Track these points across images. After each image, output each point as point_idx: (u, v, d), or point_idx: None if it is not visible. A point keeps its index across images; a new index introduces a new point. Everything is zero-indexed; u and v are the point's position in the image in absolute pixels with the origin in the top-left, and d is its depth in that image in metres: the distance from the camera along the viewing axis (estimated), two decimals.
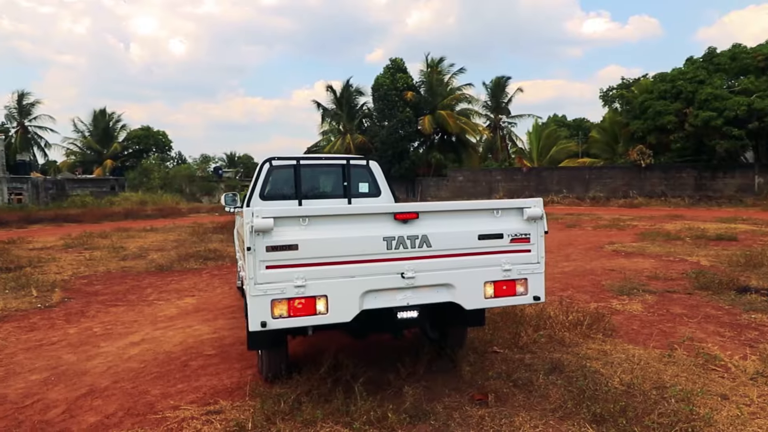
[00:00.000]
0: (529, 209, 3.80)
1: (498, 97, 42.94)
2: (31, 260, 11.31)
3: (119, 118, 52.25)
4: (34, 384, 4.64)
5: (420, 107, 38.38)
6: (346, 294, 3.44)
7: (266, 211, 3.29)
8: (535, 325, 5.64)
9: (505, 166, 40.62)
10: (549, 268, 9.78)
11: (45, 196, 38.99)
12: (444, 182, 38.42)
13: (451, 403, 3.98)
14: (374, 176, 6.62)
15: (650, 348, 5.16)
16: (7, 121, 48.91)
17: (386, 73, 38.00)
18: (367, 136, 38.72)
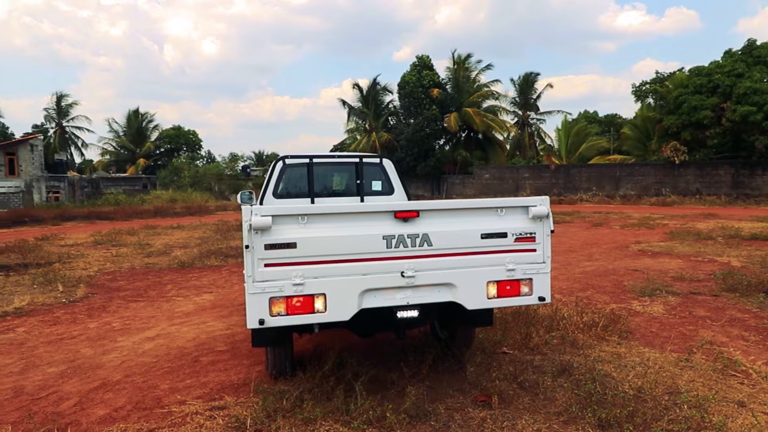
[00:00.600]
0: (534, 208, 3.71)
1: (526, 93, 42.29)
2: (61, 256, 11.68)
3: (152, 118, 53.56)
4: (50, 377, 4.78)
5: (446, 104, 38.11)
6: (345, 292, 3.43)
7: (264, 209, 3.30)
8: (547, 326, 5.53)
9: (533, 163, 40.01)
10: (570, 267, 9.61)
11: (81, 194, 40.25)
12: (470, 180, 38.08)
13: (454, 404, 3.93)
14: (387, 174, 6.58)
15: (667, 351, 5.00)
16: (46, 122, 50.73)
17: (412, 71, 37.87)
18: (392, 134, 38.66)
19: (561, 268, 9.65)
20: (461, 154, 39.19)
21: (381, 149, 37.75)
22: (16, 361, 5.20)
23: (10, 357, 5.33)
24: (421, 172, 38.21)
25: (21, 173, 37.78)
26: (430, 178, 39.34)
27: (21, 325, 6.48)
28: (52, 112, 50.03)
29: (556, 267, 9.78)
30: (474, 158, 40.33)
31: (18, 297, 7.72)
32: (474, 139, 41.19)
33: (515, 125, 44.00)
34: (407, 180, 39.93)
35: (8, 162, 37.53)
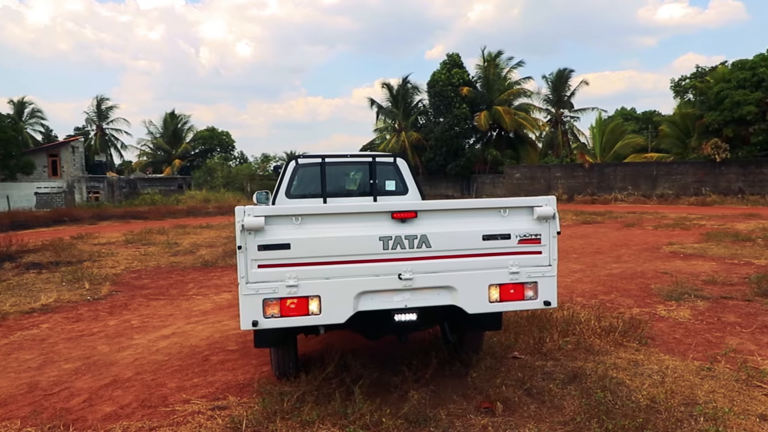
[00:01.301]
0: (539, 208, 3.58)
1: (560, 90, 41.45)
2: (92, 255, 12.04)
3: (187, 120, 54.85)
4: (65, 373, 4.90)
5: (476, 103, 37.71)
6: (340, 295, 3.37)
7: (258, 209, 3.28)
8: (562, 331, 5.35)
9: (566, 162, 39.18)
10: (596, 269, 9.33)
11: (119, 194, 41.56)
12: (500, 179, 37.57)
13: (456, 409, 3.83)
14: (401, 173, 6.51)
15: (689, 359, 4.76)
16: (87, 125, 52.57)
17: (442, 69, 37.62)
18: (422, 134, 38.49)
19: (586, 270, 9.38)
20: (492, 153, 38.69)
21: (410, 149, 37.65)
22: (35, 357, 5.36)
23: (31, 352, 5.49)
24: (450, 172, 37.92)
25: (63, 174, 39.25)
26: (459, 178, 39.00)
27: (46, 321, 6.69)
28: (92, 115, 51.86)
29: (581, 269, 9.52)
30: (505, 157, 39.76)
31: (46, 294, 7.98)
32: (505, 137, 40.64)
33: (548, 123, 43.21)
34: (436, 180, 39.81)
35: (51, 163, 39.06)
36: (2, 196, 35.67)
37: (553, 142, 42.89)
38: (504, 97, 38.27)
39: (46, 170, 38.70)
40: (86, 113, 52.18)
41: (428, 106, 39.70)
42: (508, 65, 39.41)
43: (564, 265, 9.96)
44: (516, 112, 38.31)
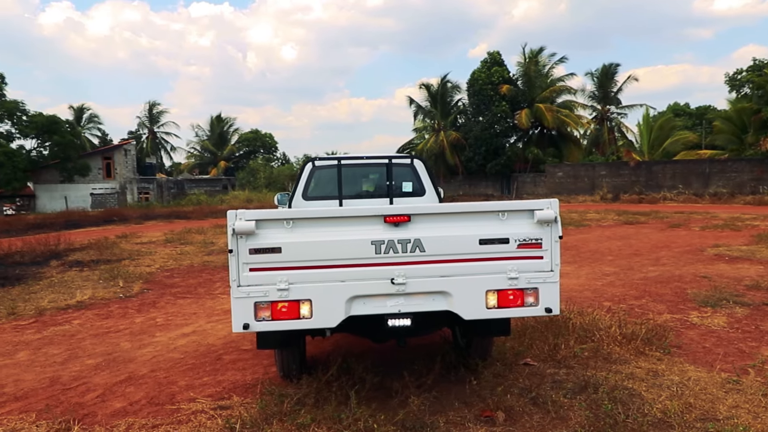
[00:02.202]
0: (540, 212, 3.43)
1: (606, 86, 40.14)
2: (131, 253, 12.51)
3: (232, 123, 56.39)
4: (86, 368, 5.09)
5: (517, 101, 36.97)
6: (331, 299, 3.34)
7: (249, 213, 3.29)
8: (580, 337, 5.14)
9: (612, 160, 37.86)
10: (630, 273, 8.95)
11: (167, 194, 43.13)
12: (541, 178, 36.71)
13: (455, 417, 3.73)
14: (418, 175, 6.42)
15: (715, 370, 4.48)
16: (139, 129, 54.83)
17: (482, 68, 37.10)
18: (461, 133, 38.07)
19: (620, 273, 9.01)
20: (533, 151, 37.84)
21: (449, 148, 37.32)
22: (62, 352, 5.59)
23: (59, 347, 5.74)
24: (490, 171, 37.35)
25: (116, 176, 41.06)
26: (499, 177, 38.36)
27: (78, 317, 6.98)
28: (144, 120, 54.07)
29: (614, 272, 9.16)
30: (547, 156, 38.82)
31: (82, 291, 8.34)
32: (547, 135, 39.68)
33: (593, 120, 41.91)
34: (476, 179, 39.29)
35: (105, 166, 40.93)
36: (61, 197, 37.68)
37: (599, 140, 41.55)
38: (546, 95, 37.35)
39: (101, 172, 40.58)
40: (138, 118, 54.47)
41: (468, 105, 39.22)
42: (551, 62, 38.43)
43: (597, 268, 9.62)
44: (558, 109, 37.32)
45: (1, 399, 4.38)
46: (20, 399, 4.38)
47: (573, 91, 39.63)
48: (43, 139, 34.80)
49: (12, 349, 5.70)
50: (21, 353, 5.57)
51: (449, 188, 39.95)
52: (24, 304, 7.56)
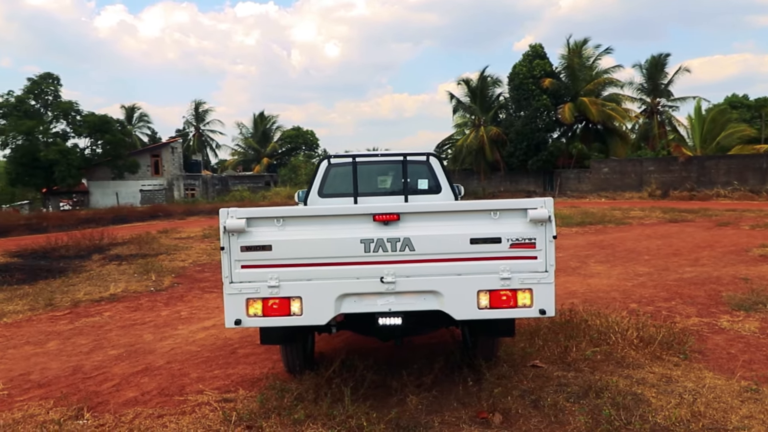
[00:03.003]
0: (533, 211, 3.35)
1: (656, 78, 38.52)
2: (168, 248, 12.98)
3: (275, 120, 57.45)
4: (108, 358, 5.33)
5: (560, 95, 35.96)
6: (321, 297, 3.38)
7: (240, 211, 3.36)
8: (594, 340, 4.98)
9: (662, 155, 36.34)
10: (665, 273, 8.61)
11: (212, 191, 44.45)
12: (586, 174, 35.64)
13: (451, 417, 3.70)
14: (434, 172, 6.37)
15: (736, 378, 4.25)
16: (186, 127, 56.67)
17: (524, 61, 36.28)
18: (501, 128, 37.41)
19: (654, 274, 8.67)
20: (577, 146, 36.77)
21: (488, 143, 36.76)
22: (89, 342, 5.87)
23: (87, 338, 6.03)
24: (532, 167, 36.56)
25: (164, 173, 42.65)
26: (541, 173, 37.50)
27: (109, 309, 7.31)
28: (191, 118, 55.87)
29: (647, 272, 8.82)
30: (592, 151, 37.65)
31: (116, 284, 8.72)
32: (592, 130, 38.41)
33: (642, 114, 40.32)
34: (517, 175, 38.54)
35: (154, 163, 42.59)
36: (113, 193, 39.48)
37: (648, 134, 39.96)
38: (590, 88, 36.16)
39: (150, 169, 42.26)
40: (185, 117, 56.33)
41: (508, 100, 38.48)
42: (596, 53, 37.14)
43: (630, 268, 9.29)
44: (604, 102, 36.06)
45: (26, 385, 4.65)
46: (43, 386, 4.63)
47: (620, 84, 38.20)
48: (96, 138, 36.51)
49: (44, 339, 6.03)
50: (51, 342, 5.88)
51: (490, 184, 39.41)
52: (61, 296, 7.98)
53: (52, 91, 35.96)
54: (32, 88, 35.11)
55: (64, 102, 35.83)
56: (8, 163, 35.01)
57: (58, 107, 35.55)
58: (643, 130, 40.67)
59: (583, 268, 9.50)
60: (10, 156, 34.26)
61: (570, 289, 7.86)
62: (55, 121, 35.89)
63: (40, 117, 35.08)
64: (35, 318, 6.94)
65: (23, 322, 6.77)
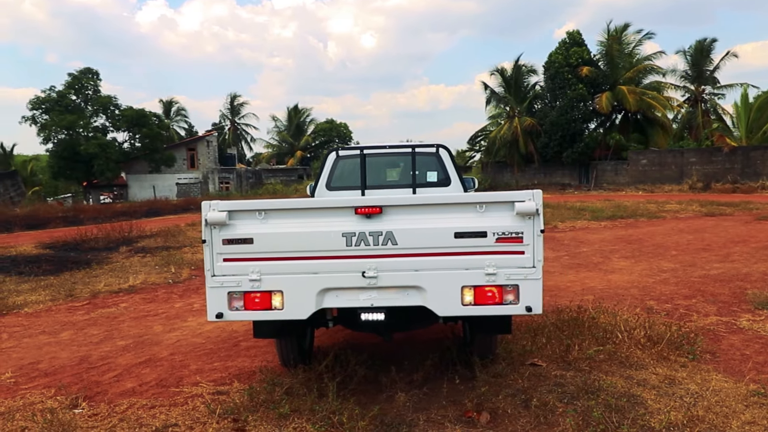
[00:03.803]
0: (520, 204, 3.22)
1: (700, 64, 36.89)
2: (194, 241, 13.25)
3: (309, 113, 57.93)
4: (115, 349, 5.47)
5: (597, 83, 34.85)
6: (302, 291, 3.35)
7: (222, 204, 3.36)
8: (599, 338, 4.80)
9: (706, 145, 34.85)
10: (691, 270, 8.27)
11: (246, 184, 45.21)
12: (623, 166, 34.55)
13: (437, 416, 3.62)
14: (444, 164, 6.26)
15: (745, 381, 4.01)
16: (222, 120, 57.79)
17: (559, 49, 35.29)
18: (536, 119, 36.58)
19: (678, 270, 8.32)
20: (614, 137, 35.61)
21: (522, 135, 36.02)
22: (101, 333, 6.04)
23: (99, 328, 6.21)
24: (567, 159, 35.64)
25: (199, 166, 43.61)
26: (577, 165, 36.53)
27: (126, 301, 7.51)
28: (226, 112, 56.91)
29: (672, 269, 8.47)
30: (630, 142, 36.41)
31: (135, 276, 8.96)
32: (632, 120, 37.09)
33: (686, 102, 38.75)
34: (552, 167, 37.64)
35: (189, 157, 43.59)
36: (150, 186, 40.66)
37: (692, 124, 38.38)
38: (630, 75, 34.88)
39: (185, 163, 43.30)
40: (221, 110, 57.42)
41: (544, 90, 37.56)
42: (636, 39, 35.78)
43: (655, 264, 8.94)
44: (644, 91, 34.76)
45: (33, 374, 4.82)
46: (49, 375, 4.78)
47: (661, 71, 36.75)
48: (134, 132, 37.62)
49: (59, 329, 6.24)
50: (65, 332, 6.08)
51: (524, 177, 38.65)
52: (83, 287, 8.25)
53: (92, 85, 37.20)
54: (73, 83, 36.38)
55: (103, 96, 37.02)
56: (51, 157, 36.48)
57: (97, 102, 36.76)
58: (686, 120, 39.07)
59: (606, 264, 9.20)
60: (53, 150, 35.69)
61: (588, 285, 7.63)
62: (95, 115, 37.14)
63: (81, 111, 36.35)
64: (54, 308, 7.20)
65: (42, 312, 7.03)
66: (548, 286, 7.67)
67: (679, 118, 40.30)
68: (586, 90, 34.02)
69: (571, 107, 34.09)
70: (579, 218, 16.04)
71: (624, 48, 35.64)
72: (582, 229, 14.17)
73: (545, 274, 8.52)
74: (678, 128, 39.52)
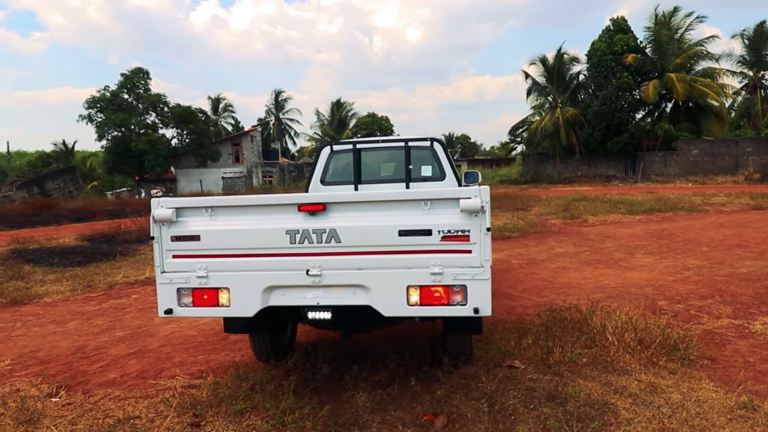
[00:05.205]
0: (465, 201, 3.06)
1: (760, 48, 34.64)
2: None
3: (351, 108, 58.25)
4: (112, 339, 5.64)
5: (644, 71, 33.26)
6: (248, 288, 3.32)
7: (170, 201, 3.37)
8: (584, 341, 4.55)
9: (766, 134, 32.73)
10: (718, 268, 7.80)
11: (288, 177, 45.99)
12: (672, 157, 32.90)
13: (392, 418, 3.52)
14: (438, 158, 6.12)
15: (737, 392, 3.70)
16: (267, 116, 58.93)
17: (603, 36, 33.92)
18: (579, 109, 35.31)
19: (704, 268, 7.82)
20: (663, 127, 33.95)
21: (564, 125, 34.89)
22: (104, 323, 6.26)
23: (104, 319, 6.43)
24: (611, 149, 34.27)
25: (244, 161, 44.70)
26: (622, 156, 35.09)
27: (138, 292, 7.76)
28: (271, 107, 58.00)
29: (697, 266, 7.98)
30: (680, 131, 34.61)
31: (152, 268, 9.21)
32: (683, 108, 35.23)
33: (743, 89, 36.50)
34: (595, 159, 36.28)
35: (234, 151, 44.75)
36: (197, 180, 42.03)
37: (750, 111, 36.12)
38: (680, 62, 33.11)
39: (230, 157, 44.49)
40: (267, 106, 58.59)
41: (587, 79, 36.18)
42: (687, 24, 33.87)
43: (681, 261, 8.45)
44: (695, 78, 32.92)
45: (30, 362, 5.03)
46: (44, 363, 4.98)
47: (715, 57, 34.71)
48: (181, 128, 38.96)
49: (68, 318, 6.51)
50: (73, 322, 6.33)
51: (566, 169, 37.48)
52: (103, 278, 8.59)
53: (142, 84, 38.78)
54: (125, 83, 38.04)
55: (153, 95, 38.53)
56: (105, 153, 38.37)
57: (147, 100, 38.30)
58: (744, 108, 36.84)
59: (627, 260, 8.76)
60: (107, 146, 37.49)
61: (601, 283, 7.29)
62: (145, 112, 38.71)
63: (132, 109, 37.97)
64: (72, 298, 7.52)
65: (60, 302, 7.36)
66: (558, 283, 7.38)
67: (735, 106, 38.03)
68: (631, 78, 32.56)
69: (615, 96, 32.71)
70: (613, 212, 15.38)
71: (673, 33, 33.81)
72: (613, 223, 13.57)
73: (559, 270, 8.27)
74: (735, 117, 37.28)
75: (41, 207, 23.67)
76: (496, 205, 17.66)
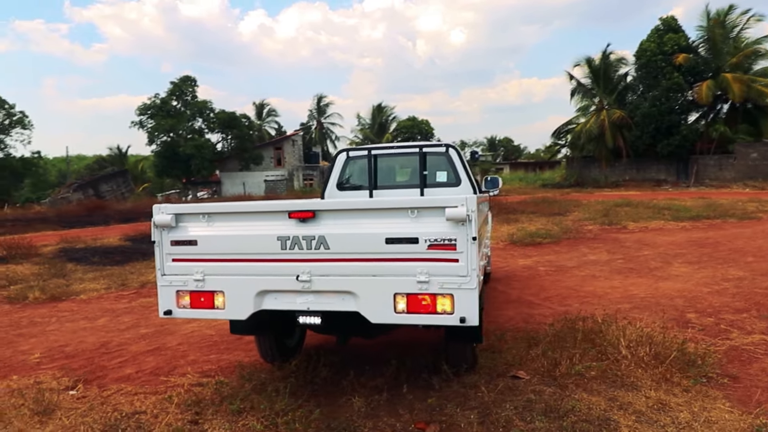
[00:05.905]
0: (451, 209, 3.02)
1: None
2: None
3: (392, 112, 58.48)
4: (134, 336, 5.87)
5: (697, 71, 31.81)
6: (241, 292, 3.40)
7: (170, 207, 3.49)
8: (594, 354, 4.38)
9: None
10: (761, 279, 7.42)
11: None
12: (728, 161, 31.31)
13: (385, 424, 3.51)
14: (454, 164, 6.07)
15: (754, 414, 3.49)
16: (309, 120, 59.94)
17: (652, 36, 32.68)
18: (626, 111, 34.13)
19: (744, 279, 7.41)
20: (718, 129, 32.37)
21: (609, 128, 33.79)
22: (131, 321, 6.51)
23: (131, 316, 6.70)
24: (662, 152, 32.91)
25: (285, 164, 45.62)
26: (674, 160, 33.63)
27: None
28: (314, 112, 58.95)
29: (738, 277, 7.57)
30: (738, 134, 32.90)
31: None
32: (741, 110, 33.46)
33: None
34: (645, 162, 34.93)
35: (276, 155, 45.73)
36: (240, 183, 43.17)
37: None
38: (736, 62, 31.49)
39: (272, 161, 45.49)
40: (309, 110, 59.62)
41: (635, 80, 34.93)
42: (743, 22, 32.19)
43: (720, 271, 8.03)
44: (754, 78, 31.22)
45: (57, 356, 5.30)
46: (69, 357, 5.24)
47: None
48: (226, 133, 40.19)
49: (99, 315, 6.81)
50: (102, 319, 6.63)
51: (613, 172, 36.27)
52: (137, 277, 8.94)
53: (190, 92, 40.25)
54: (174, 90, 39.59)
55: (199, 101, 39.93)
56: (155, 156, 40.01)
57: (194, 106, 39.72)
58: None
59: (663, 269, 8.40)
60: (157, 151, 39.09)
61: (630, 293, 7.01)
62: (192, 118, 40.14)
63: (180, 115, 39.46)
64: (105, 296, 7.87)
65: (94, 299, 7.72)
66: (584, 291, 7.16)
67: None
68: (682, 79, 31.20)
69: (666, 98, 31.43)
70: (656, 218, 14.77)
71: (728, 32, 32.20)
72: (654, 230, 13.03)
73: (588, 278, 8.01)
74: None
75: (94, 208, 24.95)
76: (533, 210, 17.30)
